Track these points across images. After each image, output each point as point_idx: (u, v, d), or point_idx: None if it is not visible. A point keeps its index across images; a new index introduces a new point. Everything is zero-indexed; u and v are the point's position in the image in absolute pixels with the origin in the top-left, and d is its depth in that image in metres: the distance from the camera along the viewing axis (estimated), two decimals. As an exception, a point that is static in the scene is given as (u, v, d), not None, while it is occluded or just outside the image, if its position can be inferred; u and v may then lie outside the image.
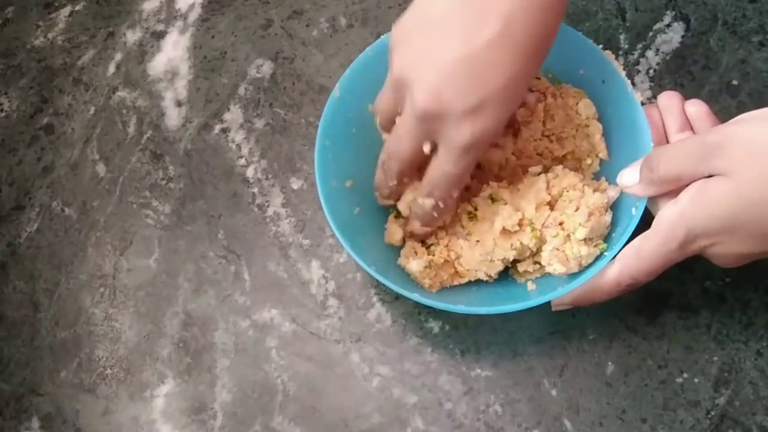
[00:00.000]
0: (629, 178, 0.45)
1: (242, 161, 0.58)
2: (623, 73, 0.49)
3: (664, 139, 0.48)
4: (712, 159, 0.39)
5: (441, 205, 0.46)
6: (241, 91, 0.61)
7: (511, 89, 0.41)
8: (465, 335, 0.51)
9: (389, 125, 0.46)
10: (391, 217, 0.51)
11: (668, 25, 0.59)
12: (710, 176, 0.40)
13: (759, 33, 0.58)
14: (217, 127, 0.60)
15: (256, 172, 0.58)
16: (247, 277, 0.55)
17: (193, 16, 0.64)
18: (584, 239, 0.46)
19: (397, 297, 0.52)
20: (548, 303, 0.46)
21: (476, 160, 0.43)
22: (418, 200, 0.46)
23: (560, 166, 0.50)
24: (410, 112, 0.42)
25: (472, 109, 0.40)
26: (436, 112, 0.41)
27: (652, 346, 0.50)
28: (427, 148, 0.43)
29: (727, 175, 0.39)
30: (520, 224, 0.47)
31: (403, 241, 0.50)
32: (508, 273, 0.50)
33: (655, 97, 0.56)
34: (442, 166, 0.43)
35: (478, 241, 0.48)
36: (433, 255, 0.49)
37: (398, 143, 0.45)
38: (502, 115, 0.41)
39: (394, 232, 0.50)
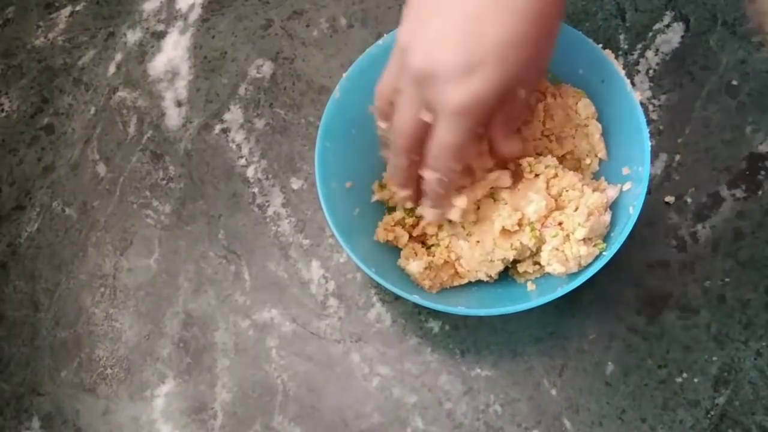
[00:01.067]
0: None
1: (242, 161, 0.58)
2: (623, 73, 0.49)
3: None
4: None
5: (445, 179, 0.44)
6: (242, 91, 0.61)
7: (509, 52, 0.39)
8: (465, 335, 0.51)
9: (386, 107, 0.44)
10: (386, 218, 0.51)
11: (668, 26, 0.59)
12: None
13: (759, 33, 0.58)
14: (218, 127, 0.60)
15: (257, 172, 0.58)
16: (247, 277, 0.55)
17: (193, 16, 0.64)
18: (583, 239, 0.46)
19: (397, 297, 0.52)
20: (548, 303, 0.46)
21: (474, 128, 0.41)
22: (423, 174, 0.45)
23: (560, 166, 0.50)
24: (406, 78, 0.41)
25: (464, 69, 0.38)
26: (427, 72, 0.39)
27: (652, 346, 0.50)
28: (427, 117, 0.41)
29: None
30: (519, 224, 0.47)
31: (392, 239, 0.50)
32: (508, 273, 0.50)
33: (655, 97, 0.56)
34: (440, 134, 0.41)
35: (478, 241, 0.48)
36: (433, 256, 0.49)
37: (399, 115, 0.43)
38: (499, 79, 0.39)
39: (387, 232, 0.50)
